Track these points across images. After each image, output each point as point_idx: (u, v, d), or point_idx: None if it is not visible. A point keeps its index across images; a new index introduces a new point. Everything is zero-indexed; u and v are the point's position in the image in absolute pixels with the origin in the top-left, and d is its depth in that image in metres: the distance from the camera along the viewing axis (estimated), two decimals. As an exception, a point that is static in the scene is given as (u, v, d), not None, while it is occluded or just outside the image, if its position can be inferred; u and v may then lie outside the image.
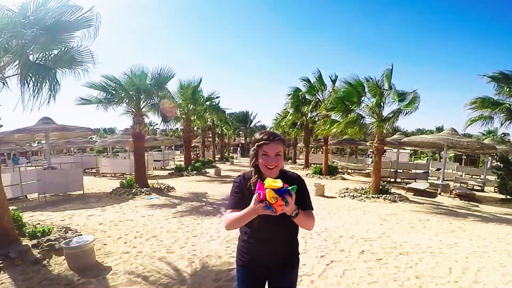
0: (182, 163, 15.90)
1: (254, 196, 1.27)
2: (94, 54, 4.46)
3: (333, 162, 17.97)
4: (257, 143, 1.48)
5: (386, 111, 8.47)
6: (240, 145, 38.89)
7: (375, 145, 8.72)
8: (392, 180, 13.09)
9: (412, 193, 9.42)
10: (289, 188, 1.24)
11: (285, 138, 1.58)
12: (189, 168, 14.51)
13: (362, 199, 8.14)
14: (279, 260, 1.56)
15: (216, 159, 24.03)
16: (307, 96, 14.56)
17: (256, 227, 1.47)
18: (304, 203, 1.46)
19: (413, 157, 31.79)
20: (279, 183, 1.21)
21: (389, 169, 13.32)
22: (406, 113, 8.01)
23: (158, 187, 9.13)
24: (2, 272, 3.23)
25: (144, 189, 8.56)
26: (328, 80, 13.54)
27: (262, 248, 1.54)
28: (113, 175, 13.55)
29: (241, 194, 1.50)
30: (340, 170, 15.73)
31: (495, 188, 10.44)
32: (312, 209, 1.54)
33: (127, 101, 8.89)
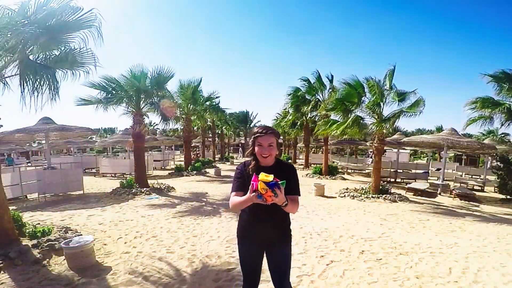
0: (182, 163, 15.90)
1: (250, 187, 1.49)
2: (95, 56, 4.46)
3: (333, 162, 17.98)
4: (253, 136, 1.75)
5: (387, 111, 8.49)
6: (240, 145, 38.89)
7: (375, 145, 8.72)
8: (392, 180, 13.09)
9: (412, 193, 9.42)
10: (279, 182, 1.44)
11: (277, 131, 1.81)
12: (189, 168, 14.51)
13: (362, 199, 8.14)
14: (273, 237, 1.82)
15: (216, 159, 24.03)
16: (307, 96, 14.56)
17: (252, 209, 1.70)
18: (292, 188, 1.72)
19: (412, 157, 31.79)
20: (270, 177, 1.42)
21: (389, 169, 13.33)
22: (411, 116, 7.97)
23: (158, 187, 9.13)
24: (2, 272, 3.23)
25: (144, 189, 8.56)
26: (326, 80, 13.63)
27: (258, 226, 1.79)
28: (113, 175, 13.56)
29: (242, 179, 1.75)
30: (340, 170, 15.73)
31: (495, 188, 10.44)
32: (299, 194, 1.79)
33: (126, 101, 8.89)
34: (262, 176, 1.43)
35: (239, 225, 1.93)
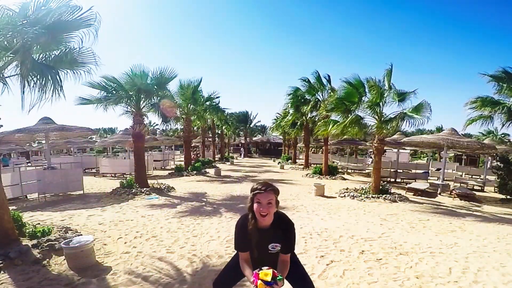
0: (182, 163, 15.89)
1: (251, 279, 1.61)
2: (96, 55, 4.45)
3: (333, 162, 17.97)
4: (252, 192, 1.73)
5: (388, 112, 8.49)
6: (240, 144, 38.89)
7: (375, 145, 8.71)
8: (392, 180, 13.09)
9: (412, 193, 9.42)
10: (277, 278, 1.57)
11: (277, 188, 1.86)
12: (189, 168, 14.51)
13: (362, 199, 8.13)
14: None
15: (216, 159, 24.02)
16: (307, 96, 14.57)
17: (256, 258, 1.84)
18: (288, 248, 1.80)
19: (412, 157, 31.78)
20: (268, 277, 1.55)
21: (389, 169, 13.32)
22: (418, 125, 7.90)
23: (158, 187, 9.13)
24: (2, 272, 3.23)
25: (144, 189, 8.56)
26: (324, 81, 13.67)
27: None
28: (113, 175, 13.55)
29: (243, 234, 1.80)
30: (340, 170, 15.72)
31: (495, 188, 10.43)
32: (293, 251, 1.85)
33: (126, 100, 8.90)
34: (262, 275, 1.57)
35: None
